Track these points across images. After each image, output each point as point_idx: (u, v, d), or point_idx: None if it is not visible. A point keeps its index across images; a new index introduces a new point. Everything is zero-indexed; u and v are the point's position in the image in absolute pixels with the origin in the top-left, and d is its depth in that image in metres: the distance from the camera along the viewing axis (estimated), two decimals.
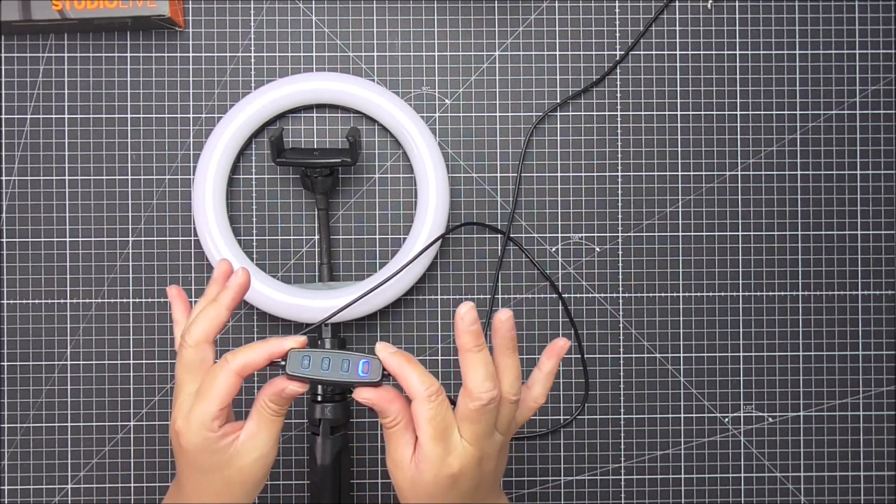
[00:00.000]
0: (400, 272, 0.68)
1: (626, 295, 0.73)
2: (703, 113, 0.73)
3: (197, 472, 0.54)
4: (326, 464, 0.67)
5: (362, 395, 0.53)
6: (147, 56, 0.72)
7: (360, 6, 0.73)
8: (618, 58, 0.73)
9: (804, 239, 0.73)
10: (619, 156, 0.73)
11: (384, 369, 0.53)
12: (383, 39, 0.73)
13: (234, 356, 0.54)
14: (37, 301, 0.72)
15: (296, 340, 0.54)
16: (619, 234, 0.73)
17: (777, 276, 0.73)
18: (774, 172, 0.73)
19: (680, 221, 0.73)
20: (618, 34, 0.73)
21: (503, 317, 0.53)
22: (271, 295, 0.68)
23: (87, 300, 0.72)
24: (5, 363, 0.72)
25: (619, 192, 0.73)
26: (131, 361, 0.72)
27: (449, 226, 0.72)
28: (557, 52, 0.73)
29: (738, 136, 0.73)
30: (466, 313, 0.52)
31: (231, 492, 0.55)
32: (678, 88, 0.73)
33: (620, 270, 0.73)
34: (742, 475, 0.73)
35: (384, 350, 0.54)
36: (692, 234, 0.73)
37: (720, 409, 0.73)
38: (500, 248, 0.73)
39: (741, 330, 0.73)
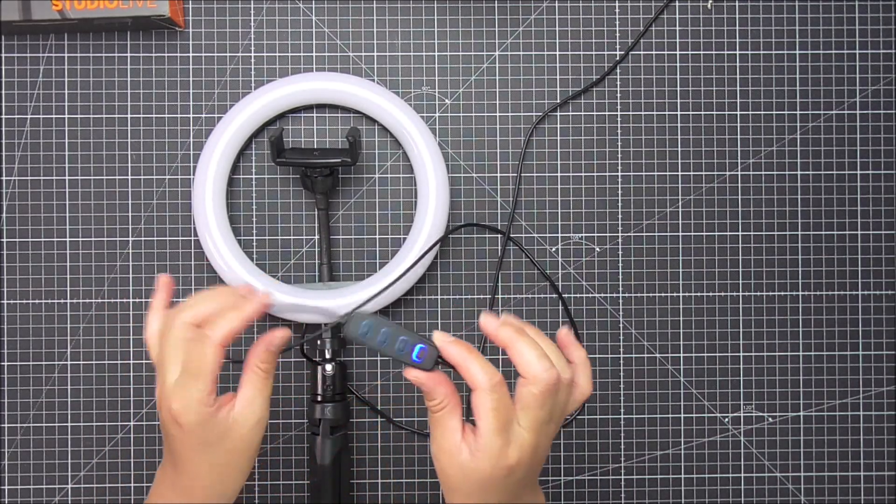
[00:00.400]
0: (409, 270, 0.68)
1: (626, 295, 0.73)
2: (703, 113, 0.73)
3: (197, 449, 0.54)
4: (326, 464, 0.67)
5: (412, 374, 0.53)
6: (147, 56, 0.72)
7: (360, 6, 0.73)
8: (618, 58, 0.73)
9: (804, 239, 0.73)
10: (619, 156, 0.73)
11: (439, 358, 0.53)
12: (383, 39, 0.73)
13: (212, 329, 0.54)
14: (37, 301, 0.72)
15: (260, 302, 0.55)
16: (619, 234, 0.73)
17: (777, 276, 0.73)
18: (774, 172, 0.73)
19: (680, 221, 0.73)
20: (618, 34, 0.73)
21: (486, 318, 0.53)
22: (271, 295, 0.68)
23: (87, 300, 0.72)
24: (5, 363, 0.72)
25: (619, 192, 0.73)
26: (131, 361, 0.72)
27: (449, 227, 0.72)
28: (557, 52, 0.73)
29: (738, 136, 0.73)
30: (488, 317, 0.53)
31: (233, 460, 0.55)
32: (678, 88, 0.73)
33: (620, 270, 0.73)
34: (742, 475, 0.73)
35: (442, 339, 0.53)
36: (692, 234, 0.73)
37: (720, 409, 0.73)
38: (500, 248, 0.73)
39: (741, 330, 0.73)
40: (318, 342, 0.69)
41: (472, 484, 0.52)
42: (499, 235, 0.73)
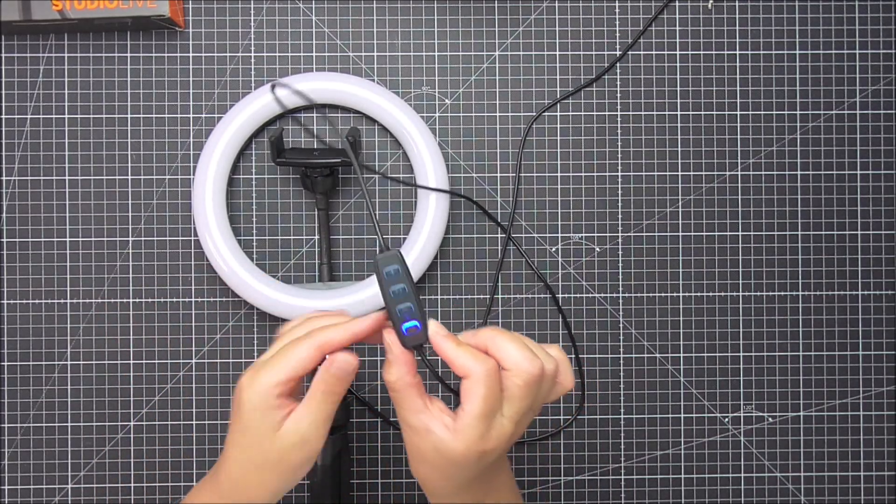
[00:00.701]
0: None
1: (626, 295, 0.73)
2: (703, 113, 0.73)
3: (244, 439, 0.52)
4: (326, 464, 0.67)
5: (388, 338, 0.52)
6: (147, 56, 0.72)
7: (360, 6, 0.73)
8: (617, 56, 0.73)
9: (804, 239, 0.73)
10: (619, 156, 0.73)
11: (424, 346, 0.53)
12: (383, 39, 0.73)
13: (320, 331, 0.52)
14: (37, 301, 0.72)
15: (374, 321, 0.53)
16: (619, 234, 0.73)
17: (777, 276, 0.73)
18: (774, 172, 0.73)
19: (680, 221, 0.73)
20: (618, 34, 0.73)
21: (463, 334, 0.54)
22: (271, 295, 0.68)
23: (87, 300, 0.72)
24: (5, 363, 0.72)
25: (619, 192, 0.73)
26: (131, 361, 0.72)
27: (449, 227, 0.72)
28: (557, 52, 0.73)
29: (738, 136, 0.73)
30: (463, 333, 0.53)
31: (267, 473, 0.53)
32: (678, 88, 0.73)
33: (620, 270, 0.73)
34: (742, 475, 0.73)
35: (436, 331, 0.53)
36: (692, 234, 0.73)
37: (720, 409, 0.73)
38: (500, 248, 0.73)
39: (741, 330, 0.73)
40: None
41: (444, 461, 0.52)
42: (499, 236, 0.73)
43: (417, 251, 0.69)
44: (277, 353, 0.52)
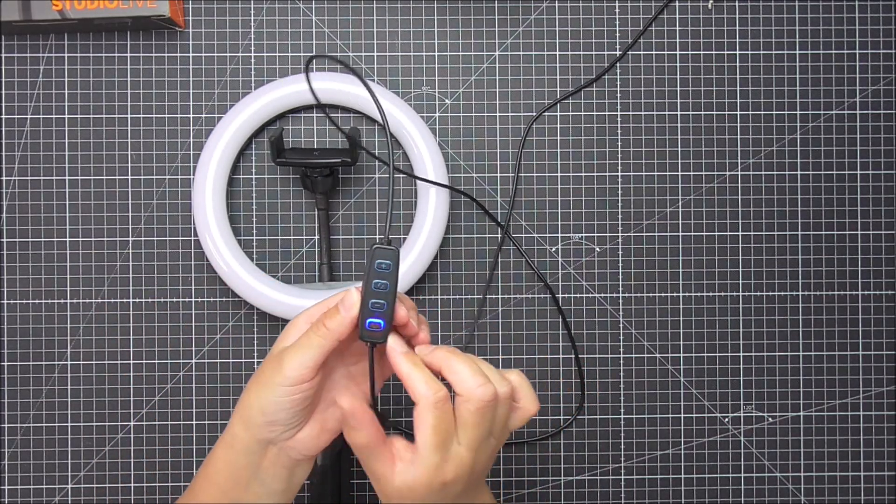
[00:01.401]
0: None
1: (626, 295, 0.73)
2: (703, 113, 0.73)
3: (260, 377, 0.54)
4: (326, 464, 0.67)
5: (345, 402, 0.53)
6: (147, 56, 0.72)
7: (360, 6, 0.73)
8: (617, 56, 0.73)
9: (804, 239, 0.73)
10: (619, 156, 0.73)
11: (380, 345, 0.53)
12: (383, 39, 0.73)
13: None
14: (37, 301, 0.72)
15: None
16: (619, 234, 0.73)
17: (777, 276, 0.73)
18: (774, 172, 0.73)
19: (680, 221, 0.73)
20: (618, 34, 0.73)
21: (419, 348, 0.54)
22: (271, 295, 0.68)
23: (87, 300, 0.72)
24: (5, 363, 0.72)
25: (619, 192, 0.73)
26: (131, 361, 0.72)
27: (449, 227, 0.72)
28: (557, 52, 0.73)
29: (738, 136, 0.73)
30: (420, 347, 0.53)
31: (266, 390, 0.54)
32: (678, 88, 0.73)
33: (620, 270, 0.73)
34: (742, 475, 0.73)
35: (394, 346, 0.53)
36: (692, 234, 0.73)
37: (720, 409, 0.73)
38: (497, 247, 0.73)
39: (741, 330, 0.73)
40: None
41: (413, 495, 0.53)
42: (498, 235, 0.73)
43: (417, 251, 0.69)
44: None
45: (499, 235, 0.73)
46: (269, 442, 0.55)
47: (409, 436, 0.72)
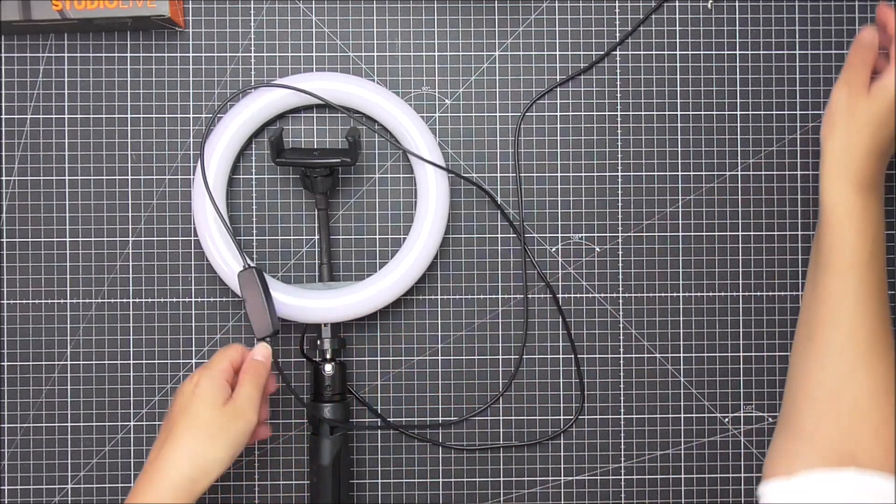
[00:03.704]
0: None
1: (626, 295, 0.73)
2: (703, 113, 0.73)
3: (197, 421, 0.61)
4: (326, 464, 0.67)
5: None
6: (147, 56, 0.72)
7: (360, 6, 0.73)
8: (616, 42, 0.73)
9: (804, 239, 0.73)
10: (619, 156, 0.73)
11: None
12: (383, 39, 0.73)
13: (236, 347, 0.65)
14: (37, 301, 0.72)
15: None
16: (619, 234, 0.73)
17: (777, 276, 0.73)
18: (774, 172, 0.73)
19: (680, 221, 0.73)
20: (618, 34, 0.73)
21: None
22: (271, 295, 0.68)
23: (87, 300, 0.72)
24: (5, 363, 0.72)
25: (619, 192, 0.73)
26: (131, 361, 0.72)
27: (449, 227, 0.72)
28: (557, 52, 0.73)
29: (738, 136, 0.73)
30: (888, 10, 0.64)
31: (219, 441, 0.61)
32: (678, 88, 0.73)
33: (620, 270, 0.73)
34: (742, 475, 0.73)
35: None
36: (692, 234, 0.73)
37: (720, 409, 0.73)
38: (510, 246, 0.73)
39: (741, 330, 0.73)
40: (318, 342, 0.69)
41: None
42: (499, 235, 0.73)
43: (418, 250, 0.69)
44: (213, 359, 0.63)
45: (499, 236, 0.73)
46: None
47: (406, 435, 0.72)
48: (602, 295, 0.73)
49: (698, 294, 0.73)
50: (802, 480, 0.55)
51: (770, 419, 0.73)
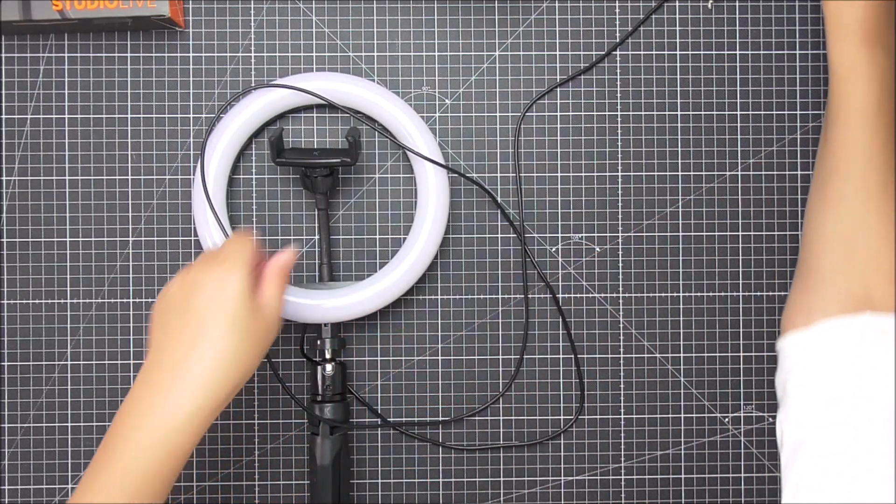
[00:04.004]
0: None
1: (626, 295, 0.73)
2: (703, 113, 0.73)
3: (228, 322, 0.58)
4: (326, 464, 0.67)
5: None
6: (147, 56, 0.72)
7: (360, 6, 0.73)
8: (617, 42, 0.73)
9: None
10: (619, 156, 0.73)
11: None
12: (383, 39, 0.73)
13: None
14: (37, 301, 0.72)
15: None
16: (619, 234, 0.73)
17: (777, 276, 0.73)
18: (774, 172, 0.73)
19: (680, 221, 0.73)
20: (618, 34, 0.73)
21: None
22: None
23: (87, 300, 0.72)
24: (5, 363, 0.72)
25: (619, 192, 0.73)
26: (131, 361, 0.72)
27: (450, 227, 0.72)
28: (558, 52, 0.73)
29: (738, 136, 0.73)
30: None
31: (249, 343, 0.58)
32: (678, 88, 0.73)
33: (620, 270, 0.73)
34: (742, 475, 0.73)
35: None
36: (692, 234, 0.73)
37: (720, 409, 0.73)
38: (510, 246, 0.73)
39: (741, 330, 0.73)
40: (318, 342, 0.69)
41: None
42: (499, 236, 0.73)
43: (418, 250, 0.69)
44: (231, 253, 0.59)
45: (499, 236, 0.73)
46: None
47: (408, 437, 0.72)
48: (602, 295, 0.73)
49: (698, 294, 0.73)
50: (820, 328, 0.57)
51: (770, 419, 0.73)
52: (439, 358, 0.73)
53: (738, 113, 0.73)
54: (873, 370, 0.55)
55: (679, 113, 0.73)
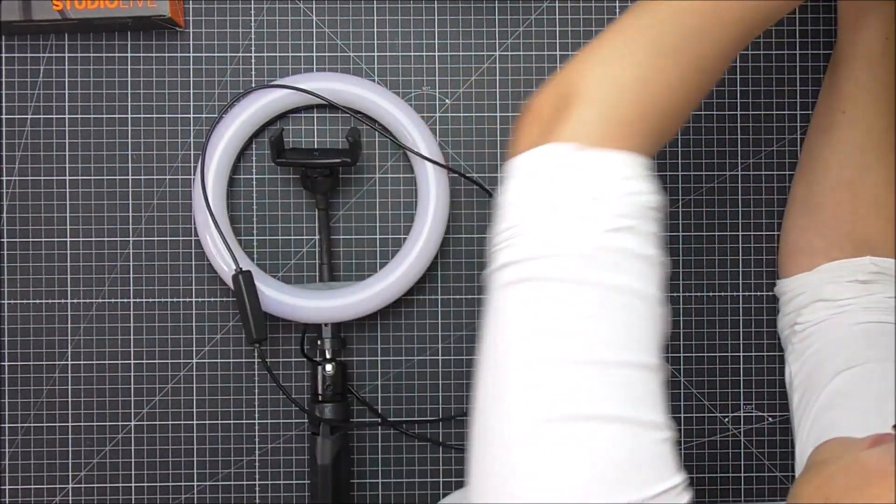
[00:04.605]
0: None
1: None
2: (703, 113, 0.73)
3: None
4: (326, 464, 0.67)
5: None
6: (147, 56, 0.72)
7: (360, 6, 0.73)
8: None
9: None
10: None
11: None
12: (383, 39, 0.73)
13: None
14: (37, 301, 0.72)
15: None
16: None
17: (777, 276, 0.73)
18: (774, 172, 0.73)
19: (680, 221, 0.73)
20: None
21: None
22: (271, 295, 0.68)
23: (87, 300, 0.72)
24: (5, 363, 0.72)
25: None
26: (131, 361, 0.72)
27: (450, 227, 0.72)
28: (558, 52, 0.73)
29: (739, 136, 0.73)
30: None
31: None
32: None
33: None
34: (742, 475, 0.73)
35: None
36: (692, 234, 0.73)
37: (720, 409, 0.73)
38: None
39: (741, 330, 0.73)
40: (319, 342, 0.69)
41: None
42: None
43: (418, 250, 0.69)
44: None
45: None
46: None
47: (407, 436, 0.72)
48: None
49: (698, 294, 0.73)
50: (824, 269, 0.61)
51: (770, 419, 0.73)
52: (439, 358, 0.73)
53: (738, 113, 0.73)
54: (875, 311, 0.57)
55: None
